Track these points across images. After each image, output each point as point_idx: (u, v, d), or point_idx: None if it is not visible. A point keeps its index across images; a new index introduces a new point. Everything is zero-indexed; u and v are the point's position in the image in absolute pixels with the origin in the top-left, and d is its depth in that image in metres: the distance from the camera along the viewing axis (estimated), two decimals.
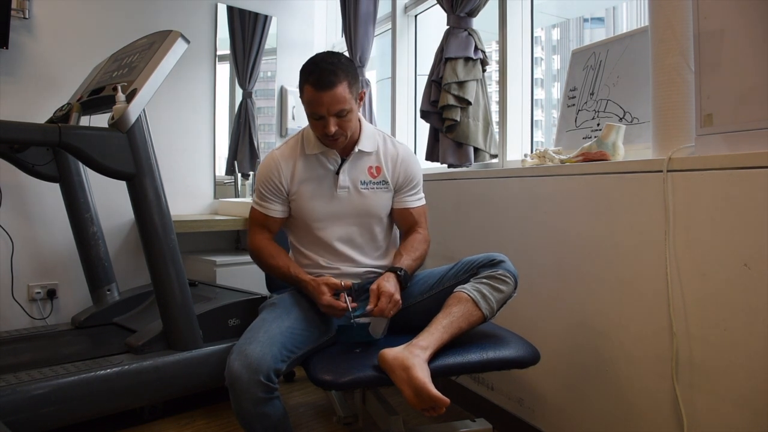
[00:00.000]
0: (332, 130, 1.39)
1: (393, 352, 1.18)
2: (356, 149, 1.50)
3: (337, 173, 1.50)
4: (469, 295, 1.30)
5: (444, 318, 1.27)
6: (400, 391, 1.14)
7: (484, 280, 1.33)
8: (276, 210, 1.52)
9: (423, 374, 1.13)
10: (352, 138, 1.48)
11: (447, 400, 1.11)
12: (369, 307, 1.31)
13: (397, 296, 1.34)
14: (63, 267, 2.41)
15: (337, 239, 1.52)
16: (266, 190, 1.52)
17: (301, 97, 1.43)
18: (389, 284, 1.35)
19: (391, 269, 1.42)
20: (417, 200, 1.59)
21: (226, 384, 1.19)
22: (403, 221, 1.59)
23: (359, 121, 1.52)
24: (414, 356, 1.16)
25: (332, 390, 1.59)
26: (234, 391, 1.17)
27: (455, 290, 1.34)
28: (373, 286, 1.35)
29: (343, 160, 1.51)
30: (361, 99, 1.48)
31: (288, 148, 1.54)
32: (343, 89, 1.37)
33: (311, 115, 1.41)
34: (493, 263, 1.36)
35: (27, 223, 2.34)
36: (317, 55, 1.43)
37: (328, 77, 1.35)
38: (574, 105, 1.79)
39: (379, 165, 1.54)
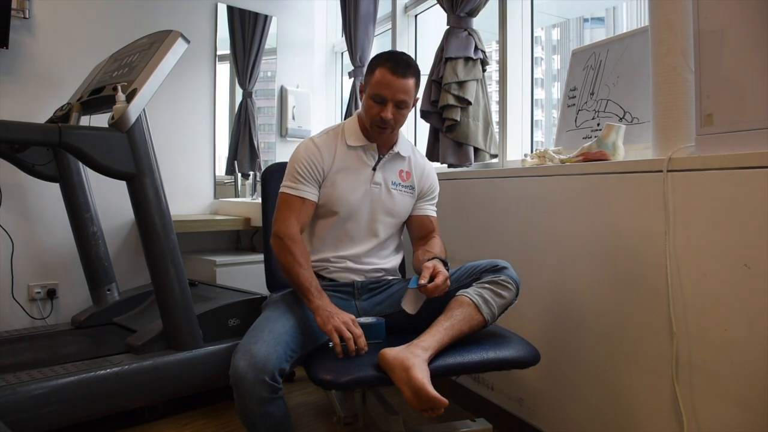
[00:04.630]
0: (389, 116, 1.43)
1: (393, 352, 1.18)
2: (394, 150, 1.56)
3: (374, 169, 1.54)
4: (471, 299, 1.31)
5: (446, 320, 1.27)
6: (400, 391, 1.14)
7: (487, 285, 1.34)
8: (312, 193, 1.50)
9: (422, 375, 1.13)
10: (392, 137, 1.54)
11: (445, 401, 1.11)
12: (422, 281, 1.31)
13: (449, 281, 1.35)
14: (63, 267, 2.41)
15: (357, 232, 1.54)
16: (305, 172, 1.49)
17: (366, 79, 1.48)
18: (444, 268, 1.36)
19: (438, 258, 1.40)
20: (434, 211, 1.66)
21: (231, 383, 1.19)
22: (421, 228, 1.63)
23: None
24: (414, 356, 1.16)
25: (332, 390, 1.59)
26: (239, 390, 1.17)
27: (457, 294, 1.34)
28: (429, 264, 1.35)
29: (380, 158, 1.55)
30: (414, 105, 1.52)
31: (327, 138, 1.56)
32: (412, 83, 1.44)
33: (373, 97, 1.44)
34: (496, 269, 1.37)
35: (27, 223, 2.34)
36: (392, 50, 1.55)
37: (404, 66, 1.43)
38: (574, 105, 1.79)
39: (410, 171, 1.60)
